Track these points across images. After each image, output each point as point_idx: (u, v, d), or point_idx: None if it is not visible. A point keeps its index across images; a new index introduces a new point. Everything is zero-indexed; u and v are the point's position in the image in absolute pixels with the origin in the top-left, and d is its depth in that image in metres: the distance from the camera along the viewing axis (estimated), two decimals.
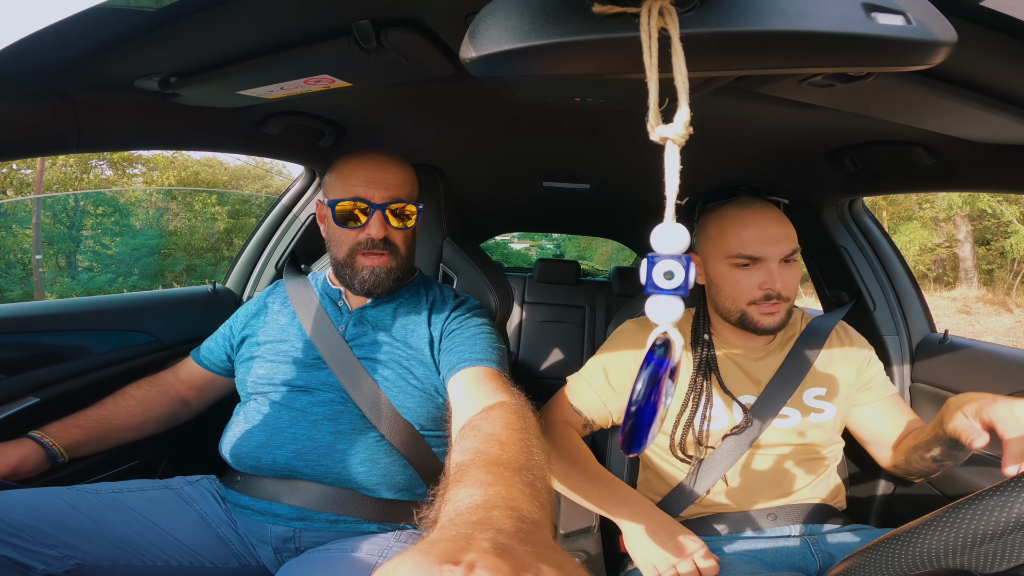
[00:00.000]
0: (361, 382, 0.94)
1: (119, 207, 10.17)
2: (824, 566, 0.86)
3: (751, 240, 0.91)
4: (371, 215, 0.93)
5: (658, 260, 0.39)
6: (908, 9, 0.38)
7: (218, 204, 11.33)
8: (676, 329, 0.40)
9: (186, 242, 10.47)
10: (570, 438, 1.00)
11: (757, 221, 0.92)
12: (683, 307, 0.39)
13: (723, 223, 0.94)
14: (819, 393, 0.98)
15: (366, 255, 0.95)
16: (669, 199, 0.38)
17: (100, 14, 0.54)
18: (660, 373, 0.40)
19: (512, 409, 0.70)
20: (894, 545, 0.52)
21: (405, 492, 0.93)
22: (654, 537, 0.84)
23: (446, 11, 0.60)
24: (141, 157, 12.92)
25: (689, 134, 0.37)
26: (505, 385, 0.83)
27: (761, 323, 0.92)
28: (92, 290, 8.64)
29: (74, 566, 0.75)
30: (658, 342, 0.40)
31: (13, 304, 1.13)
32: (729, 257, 0.92)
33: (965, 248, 11.61)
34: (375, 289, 0.96)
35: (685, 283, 0.38)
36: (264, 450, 0.91)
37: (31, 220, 8.70)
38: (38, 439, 0.91)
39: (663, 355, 0.40)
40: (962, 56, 0.47)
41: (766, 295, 0.91)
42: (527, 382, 1.28)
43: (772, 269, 0.90)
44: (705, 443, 0.95)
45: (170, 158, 13.05)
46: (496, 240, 14.55)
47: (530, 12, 0.39)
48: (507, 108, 1.05)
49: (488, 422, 0.65)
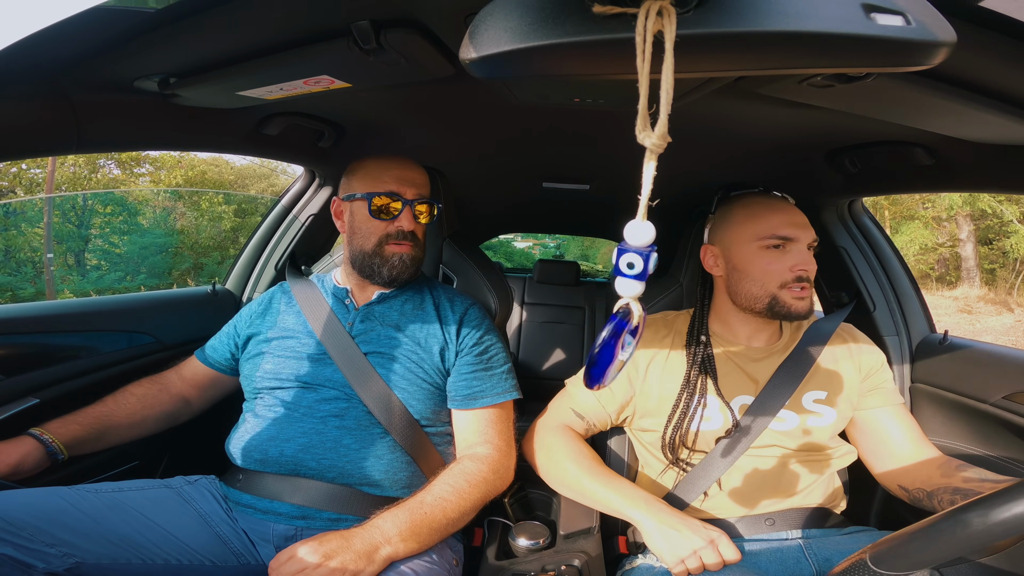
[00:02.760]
0: (367, 378, 0.95)
1: (127, 206, 10.40)
2: (820, 570, 0.86)
3: (782, 223, 0.93)
4: (403, 209, 1.00)
5: (625, 252, 0.45)
6: (908, 9, 0.38)
7: (225, 203, 11.53)
8: (636, 302, 0.49)
9: (193, 241, 10.63)
10: (573, 441, 1.00)
11: (785, 207, 0.96)
12: (642, 287, 0.47)
13: (752, 209, 0.96)
14: (819, 397, 0.96)
15: (395, 244, 1.01)
16: (643, 198, 0.42)
17: (100, 14, 0.54)
18: (618, 329, 0.50)
19: (470, 469, 0.91)
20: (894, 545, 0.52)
21: (407, 489, 0.94)
22: (675, 529, 0.83)
23: (446, 12, 0.60)
24: (149, 157, 13.15)
25: (667, 143, 0.39)
26: (498, 427, 0.99)
27: (794, 307, 0.92)
28: (102, 289, 8.78)
29: (74, 564, 0.75)
30: (621, 309, 0.50)
31: (13, 304, 1.13)
32: (761, 239, 0.93)
33: (967, 248, 11.67)
34: (401, 275, 1.02)
35: (644, 272, 0.45)
36: (272, 443, 0.92)
37: (41, 219, 8.84)
38: (38, 436, 0.91)
39: (623, 317, 0.49)
40: (962, 56, 0.47)
41: (797, 277, 0.92)
42: (527, 383, 1.28)
43: (803, 251, 0.92)
44: (695, 445, 0.95)
45: (177, 158, 13.29)
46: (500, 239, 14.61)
47: (530, 13, 0.39)
48: (507, 109, 1.05)
49: (445, 478, 0.89)
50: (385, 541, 0.78)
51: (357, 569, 0.74)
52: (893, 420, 0.99)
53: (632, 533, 1.01)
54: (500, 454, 0.96)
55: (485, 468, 0.92)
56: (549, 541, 0.95)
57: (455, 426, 1.01)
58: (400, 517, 0.81)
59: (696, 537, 0.81)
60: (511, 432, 1.02)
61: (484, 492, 0.91)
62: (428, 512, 0.83)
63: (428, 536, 0.82)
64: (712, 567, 0.80)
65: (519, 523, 0.99)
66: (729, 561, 0.80)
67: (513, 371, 1.06)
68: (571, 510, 0.99)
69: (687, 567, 0.80)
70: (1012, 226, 10.99)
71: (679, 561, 0.80)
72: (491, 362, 1.02)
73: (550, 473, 1.00)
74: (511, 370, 1.05)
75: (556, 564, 0.86)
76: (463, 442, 0.99)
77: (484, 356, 1.02)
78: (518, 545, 0.94)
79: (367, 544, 0.77)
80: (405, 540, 0.79)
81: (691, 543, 0.81)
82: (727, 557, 0.80)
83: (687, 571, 0.80)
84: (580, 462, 0.96)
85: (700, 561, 0.80)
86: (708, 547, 0.80)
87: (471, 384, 0.99)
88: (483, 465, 0.92)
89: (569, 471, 0.96)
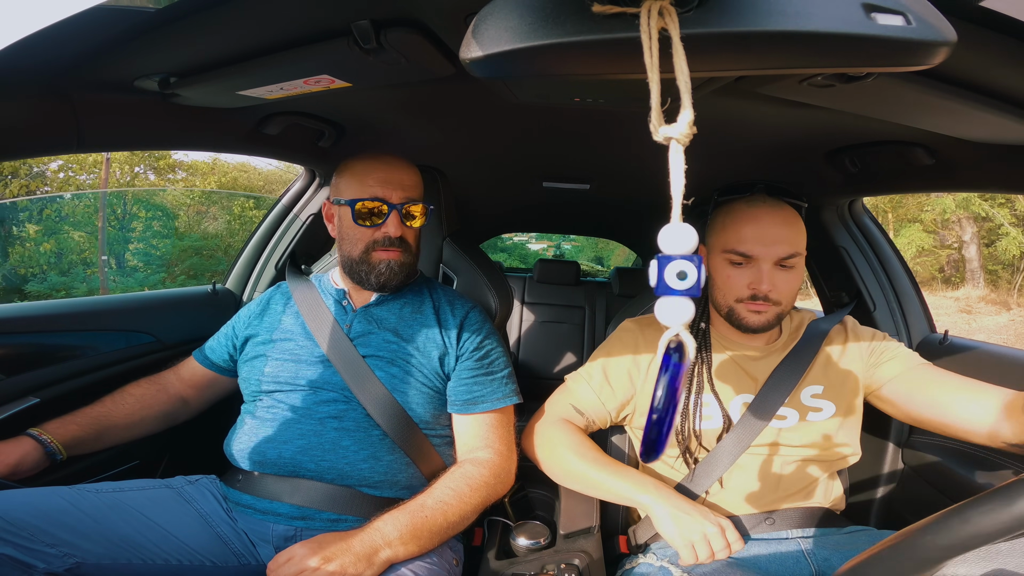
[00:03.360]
0: (366, 380, 0.95)
1: (166, 211, 11.13)
2: (819, 569, 0.86)
3: (748, 238, 0.91)
4: (388, 214, 0.96)
5: (670, 261, 0.38)
6: (908, 9, 0.38)
7: (255, 208, 12.06)
8: (688, 331, 0.39)
9: (227, 244, 11.13)
10: (575, 434, 1.00)
11: (761, 220, 0.91)
12: (694, 308, 0.38)
13: (728, 218, 0.95)
14: (816, 391, 0.96)
15: (383, 251, 0.98)
16: (676, 199, 0.38)
17: (100, 14, 0.54)
18: (678, 378, 0.40)
19: (471, 473, 0.91)
20: (899, 547, 0.52)
21: (406, 490, 0.93)
22: (686, 513, 0.85)
23: (446, 11, 0.60)
24: (183, 164, 14.06)
25: (693, 133, 0.37)
26: (499, 431, 0.99)
27: (747, 320, 0.93)
28: (150, 287, 9.31)
29: (74, 564, 0.75)
30: (672, 345, 0.39)
31: (13, 304, 1.13)
32: (725, 252, 0.94)
33: (971, 249, 11.80)
34: (390, 282, 0.99)
35: (697, 283, 0.37)
36: (270, 445, 0.92)
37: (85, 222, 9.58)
38: (36, 436, 0.91)
39: (679, 359, 0.39)
40: (962, 56, 0.47)
41: (752, 295, 0.91)
42: (527, 382, 1.29)
43: (763, 270, 0.90)
44: (699, 443, 0.94)
45: (210, 164, 14.20)
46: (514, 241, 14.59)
47: (530, 12, 0.39)
48: (507, 108, 1.05)
49: (446, 481, 0.89)
50: (385, 544, 0.78)
51: (356, 572, 0.74)
52: (926, 375, 0.93)
53: (632, 533, 1.01)
54: (501, 458, 0.96)
55: (487, 472, 0.92)
56: (549, 541, 0.95)
57: (456, 430, 1.01)
58: (400, 520, 0.81)
59: (706, 522, 0.84)
60: (512, 436, 1.02)
61: (485, 496, 0.91)
62: (429, 515, 0.83)
63: (428, 539, 0.82)
64: (719, 553, 0.82)
65: (519, 523, 0.99)
66: (735, 547, 0.83)
67: (514, 375, 1.05)
68: (571, 509, 0.99)
69: (696, 551, 0.82)
70: (1003, 229, 11.29)
71: (688, 544, 0.83)
72: (492, 367, 1.01)
73: (554, 466, 1.00)
74: (511, 374, 1.04)
75: (556, 564, 0.86)
76: (464, 446, 0.99)
77: (485, 361, 1.01)
78: (518, 545, 0.94)
79: (367, 546, 0.77)
80: (405, 543, 0.79)
81: (701, 527, 0.83)
82: (733, 544, 0.83)
83: (696, 555, 0.82)
84: (585, 454, 0.96)
85: (709, 545, 0.82)
86: (717, 532, 0.83)
87: (471, 389, 0.99)
88: (484, 469, 0.92)
89: (575, 463, 0.96)
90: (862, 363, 0.99)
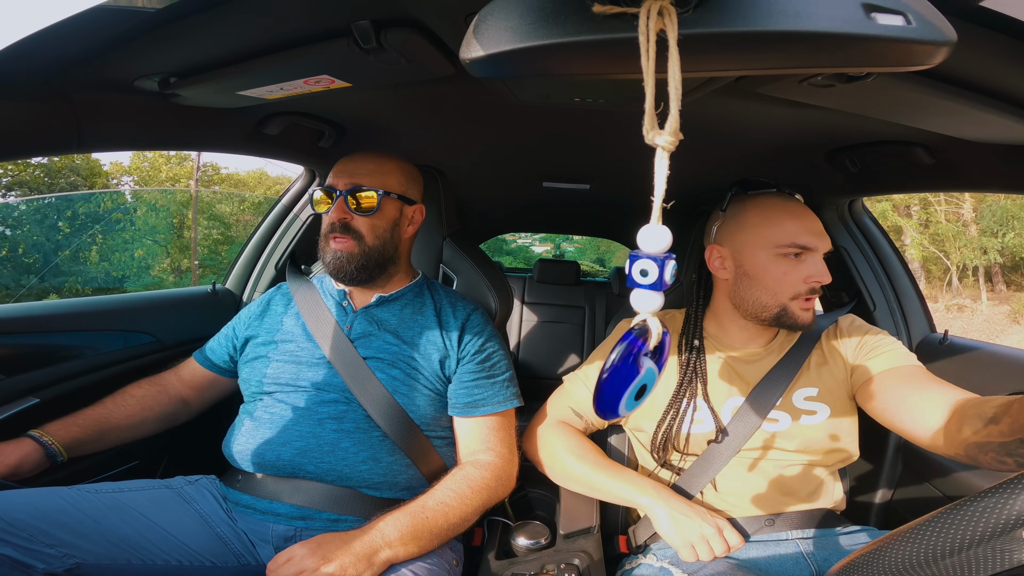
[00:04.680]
0: (366, 381, 0.94)
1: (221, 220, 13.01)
2: (819, 570, 0.86)
3: (802, 231, 0.88)
4: (335, 201, 0.97)
5: (637, 259, 0.42)
6: (908, 9, 0.38)
7: None
8: (655, 318, 0.44)
9: None
10: (575, 437, 1.00)
11: (803, 213, 0.91)
12: (661, 300, 0.43)
13: (768, 212, 0.91)
14: (810, 394, 0.94)
15: (334, 239, 0.98)
16: (656, 201, 0.40)
17: (100, 14, 0.54)
18: (632, 350, 0.46)
19: (473, 475, 0.91)
20: (893, 546, 0.52)
21: (407, 491, 0.93)
22: (685, 515, 0.86)
23: (446, 11, 0.60)
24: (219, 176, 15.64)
25: (679, 140, 0.38)
26: (500, 434, 0.98)
27: (800, 319, 0.90)
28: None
29: (74, 565, 0.75)
30: (636, 327, 0.45)
31: (13, 304, 1.13)
32: (778, 246, 0.89)
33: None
34: (339, 271, 0.99)
35: (660, 280, 0.41)
36: (269, 447, 0.92)
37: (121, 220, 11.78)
38: (37, 438, 0.91)
39: (638, 336, 0.45)
40: (962, 56, 0.47)
41: (811, 289, 0.89)
42: (527, 382, 1.28)
43: (820, 262, 0.89)
44: (686, 448, 0.94)
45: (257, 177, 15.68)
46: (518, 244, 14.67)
47: (530, 12, 0.39)
48: (507, 108, 1.04)
49: (447, 483, 0.89)
50: (385, 544, 0.78)
51: (356, 572, 0.74)
52: (909, 376, 0.86)
53: (632, 533, 1.01)
54: (503, 461, 0.96)
55: (488, 475, 0.92)
56: (549, 541, 0.95)
57: (457, 433, 1.00)
58: (401, 521, 0.81)
59: (704, 523, 0.85)
60: (513, 438, 1.02)
61: (486, 498, 0.91)
62: (430, 516, 0.83)
63: (429, 540, 0.82)
64: (718, 553, 0.83)
65: (519, 523, 0.99)
66: (733, 547, 0.84)
67: (515, 378, 1.05)
68: (571, 510, 0.99)
69: (695, 551, 0.83)
70: (911, 236, 14.55)
71: (688, 545, 0.84)
72: (493, 370, 1.01)
73: (555, 469, 1.00)
74: (513, 377, 1.04)
75: (556, 564, 0.86)
76: (465, 449, 0.98)
77: (486, 364, 1.01)
78: (518, 545, 0.94)
79: (367, 547, 0.76)
80: (405, 544, 0.79)
81: (700, 528, 0.84)
82: (732, 544, 0.84)
83: (695, 555, 0.83)
84: (585, 456, 0.96)
85: (708, 546, 0.83)
86: (715, 533, 0.84)
87: (472, 392, 0.98)
88: (486, 472, 0.93)
89: (575, 466, 0.96)
90: (852, 359, 0.95)
